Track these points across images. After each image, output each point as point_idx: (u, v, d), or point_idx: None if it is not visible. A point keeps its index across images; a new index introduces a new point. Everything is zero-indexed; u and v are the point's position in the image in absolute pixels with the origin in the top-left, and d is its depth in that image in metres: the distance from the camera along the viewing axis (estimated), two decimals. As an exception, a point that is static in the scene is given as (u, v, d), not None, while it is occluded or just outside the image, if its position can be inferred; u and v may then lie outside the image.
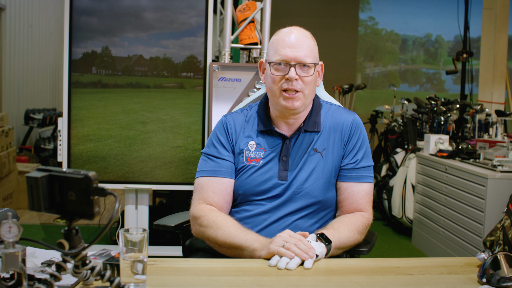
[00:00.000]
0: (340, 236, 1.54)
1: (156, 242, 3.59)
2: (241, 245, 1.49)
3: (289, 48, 1.59)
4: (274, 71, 1.61)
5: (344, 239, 1.55)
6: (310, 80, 1.61)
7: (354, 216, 1.63)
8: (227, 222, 1.56)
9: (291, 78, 1.58)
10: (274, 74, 1.61)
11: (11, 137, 5.16)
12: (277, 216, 1.63)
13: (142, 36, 3.40)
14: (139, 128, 3.40)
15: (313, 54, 1.62)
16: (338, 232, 1.54)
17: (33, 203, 1.08)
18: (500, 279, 1.27)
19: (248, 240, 1.49)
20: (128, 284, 1.18)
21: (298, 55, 1.58)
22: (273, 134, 1.69)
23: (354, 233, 1.59)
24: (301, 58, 1.58)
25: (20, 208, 5.07)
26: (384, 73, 9.35)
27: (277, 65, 1.60)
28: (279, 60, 1.60)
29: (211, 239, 1.57)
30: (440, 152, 3.93)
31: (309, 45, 1.62)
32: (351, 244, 1.59)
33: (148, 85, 3.44)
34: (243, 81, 3.28)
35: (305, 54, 1.59)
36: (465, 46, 6.14)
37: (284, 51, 1.59)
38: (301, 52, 1.59)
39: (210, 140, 1.73)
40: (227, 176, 1.66)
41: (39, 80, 7.39)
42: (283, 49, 1.59)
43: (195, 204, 1.65)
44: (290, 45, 1.59)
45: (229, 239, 1.52)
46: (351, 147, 1.68)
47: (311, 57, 1.60)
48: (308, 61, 1.59)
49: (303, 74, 1.59)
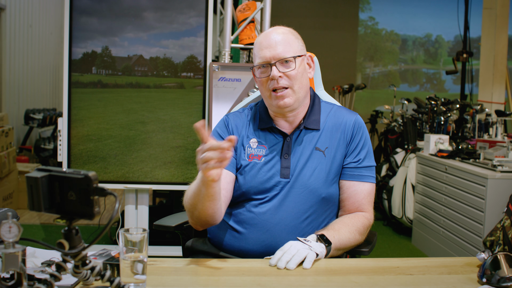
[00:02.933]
0: (341, 238, 1.54)
1: (156, 242, 3.59)
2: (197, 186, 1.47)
3: (266, 49, 1.61)
4: (259, 74, 1.63)
5: (344, 240, 1.55)
6: (295, 74, 1.61)
7: (355, 217, 1.63)
8: (192, 184, 1.54)
9: (274, 77, 1.59)
10: (260, 76, 1.63)
11: (11, 137, 5.16)
12: (281, 216, 1.61)
13: (142, 36, 3.40)
14: (139, 128, 3.40)
15: (293, 48, 1.62)
16: (338, 234, 1.54)
17: (33, 203, 1.08)
18: (500, 279, 1.27)
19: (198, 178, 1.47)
20: (128, 284, 1.18)
21: (276, 52, 1.59)
22: (274, 131, 1.69)
23: (355, 234, 1.59)
24: (280, 54, 1.59)
25: (20, 208, 5.07)
26: (384, 73, 9.35)
27: (261, 67, 1.62)
28: (260, 62, 1.62)
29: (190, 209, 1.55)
30: (440, 152, 3.93)
31: (286, 40, 1.62)
32: (352, 245, 1.59)
33: (148, 85, 3.44)
34: (243, 81, 3.28)
35: (283, 49, 1.60)
36: (465, 46, 6.14)
37: (263, 53, 1.61)
38: (278, 49, 1.59)
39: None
40: (228, 169, 1.65)
41: (39, 80, 7.39)
42: (262, 51, 1.61)
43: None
44: (267, 45, 1.61)
45: (192, 192, 1.50)
46: (353, 147, 1.68)
47: (290, 51, 1.60)
48: (287, 55, 1.60)
49: (285, 70, 1.60)
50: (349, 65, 8.91)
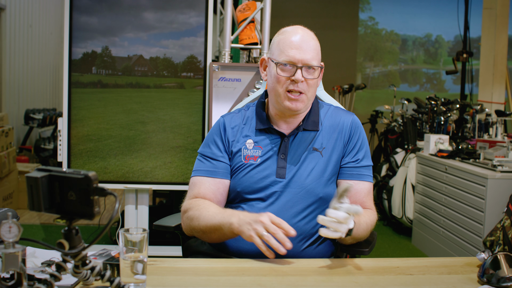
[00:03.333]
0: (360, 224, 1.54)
1: (156, 242, 3.59)
2: (219, 223, 1.50)
3: (296, 50, 1.59)
4: (280, 72, 1.61)
5: (360, 230, 1.55)
6: (314, 83, 1.63)
7: (367, 212, 1.64)
8: (208, 207, 1.57)
9: (298, 80, 1.58)
10: (280, 74, 1.60)
11: (11, 137, 5.16)
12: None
13: (142, 36, 3.40)
14: (139, 128, 3.40)
15: (318, 57, 1.63)
16: (358, 220, 1.53)
17: (33, 203, 1.08)
18: (500, 279, 1.27)
19: (225, 217, 1.50)
20: (128, 284, 1.18)
21: (305, 57, 1.58)
22: (272, 132, 1.69)
23: (368, 226, 1.60)
24: (308, 60, 1.59)
25: (20, 208, 5.07)
26: (384, 73, 9.35)
27: (283, 65, 1.60)
28: (286, 61, 1.59)
29: (196, 229, 1.58)
30: (440, 152, 3.93)
31: (315, 47, 1.62)
32: (363, 236, 1.60)
33: (148, 85, 3.44)
34: (243, 81, 3.28)
35: (311, 56, 1.59)
36: (465, 46, 6.14)
37: (292, 52, 1.59)
38: (308, 54, 1.59)
39: (206, 140, 1.73)
40: (222, 177, 1.67)
41: (39, 80, 7.39)
42: (290, 50, 1.59)
43: (186, 200, 1.67)
44: (297, 46, 1.59)
45: (210, 221, 1.53)
46: (351, 147, 1.68)
47: (316, 60, 1.61)
48: (314, 64, 1.60)
49: (308, 77, 1.60)
50: (349, 65, 8.92)
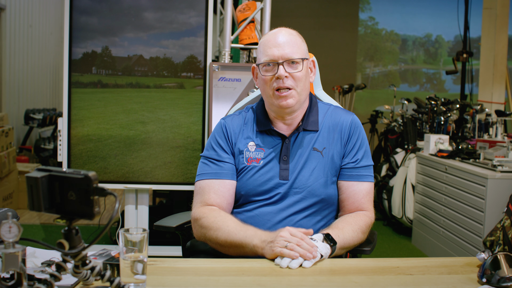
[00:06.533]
0: (345, 236, 1.54)
1: (156, 242, 3.59)
2: (241, 242, 1.49)
3: (275, 48, 1.61)
4: (264, 72, 1.63)
5: (348, 239, 1.55)
6: (301, 76, 1.62)
7: (357, 216, 1.64)
8: (227, 221, 1.56)
9: (281, 76, 1.59)
10: (265, 75, 1.62)
11: (11, 137, 5.16)
12: (281, 217, 1.63)
13: (142, 36, 3.40)
14: (139, 128, 3.40)
15: (300, 50, 1.63)
16: (342, 232, 1.54)
17: (33, 203, 1.08)
18: (500, 279, 1.27)
19: (247, 237, 1.49)
20: (128, 284, 1.18)
21: (285, 52, 1.60)
22: (272, 133, 1.69)
23: (358, 233, 1.59)
24: (288, 55, 1.60)
25: (20, 208, 5.07)
26: (384, 73, 9.35)
27: (266, 66, 1.62)
28: (267, 60, 1.61)
29: (213, 240, 1.57)
30: (440, 152, 3.93)
31: (295, 41, 1.63)
32: (355, 244, 1.60)
33: (148, 85, 3.44)
34: (243, 81, 3.28)
35: (291, 50, 1.61)
36: (465, 46, 6.14)
37: (271, 51, 1.61)
38: (287, 49, 1.60)
39: (209, 143, 1.73)
40: (229, 178, 1.66)
41: (39, 80, 7.39)
42: (270, 49, 1.61)
43: (197, 207, 1.65)
44: (276, 44, 1.61)
45: (229, 238, 1.52)
46: (351, 147, 1.68)
47: (298, 53, 1.62)
48: (295, 57, 1.61)
49: (292, 71, 1.61)
50: (349, 65, 8.91)
